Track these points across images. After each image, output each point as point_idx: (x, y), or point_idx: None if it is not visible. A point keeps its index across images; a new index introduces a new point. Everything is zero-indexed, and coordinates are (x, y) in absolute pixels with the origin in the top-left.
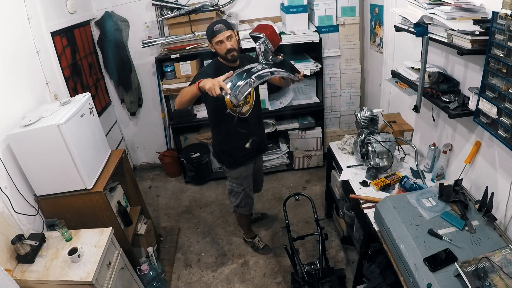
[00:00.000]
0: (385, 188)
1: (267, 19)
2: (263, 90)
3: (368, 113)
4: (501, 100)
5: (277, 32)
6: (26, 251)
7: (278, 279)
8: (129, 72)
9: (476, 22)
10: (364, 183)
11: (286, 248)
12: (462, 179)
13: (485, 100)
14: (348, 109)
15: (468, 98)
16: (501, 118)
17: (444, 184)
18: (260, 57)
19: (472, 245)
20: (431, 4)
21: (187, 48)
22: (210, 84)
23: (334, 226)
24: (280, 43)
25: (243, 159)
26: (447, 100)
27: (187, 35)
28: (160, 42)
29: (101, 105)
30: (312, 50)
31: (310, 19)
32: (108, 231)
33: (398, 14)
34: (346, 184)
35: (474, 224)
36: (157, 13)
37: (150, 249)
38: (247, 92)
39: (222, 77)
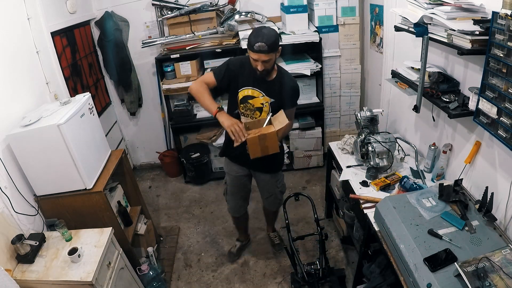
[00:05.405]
0: (385, 188)
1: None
2: None
3: (368, 113)
4: (501, 100)
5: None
6: (26, 251)
7: (278, 279)
8: (129, 72)
9: (476, 22)
10: (364, 183)
11: (286, 248)
12: (462, 179)
13: (485, 100)
14: (348, 109)
15: (468, 98)
16: (501, 118)
17: (444, 184)
18: None
19: (472, 245)
20: (431, 4)
21: (187, 48)
22: (232, 129)
23: (334, 226)
24: (280, 43)
25: (231, 154)
26: (447, 100)
27: (187, 35)
28: (160, 42)
29: (101, 105)
30: (312, 50)
31: (310, 19)
32: (108, 231)
33: (398, 14)
34: (346, 184)
35: (474, 224)
36: (157, 13)
37: (150, 249)
38: None
39: (241, 125)
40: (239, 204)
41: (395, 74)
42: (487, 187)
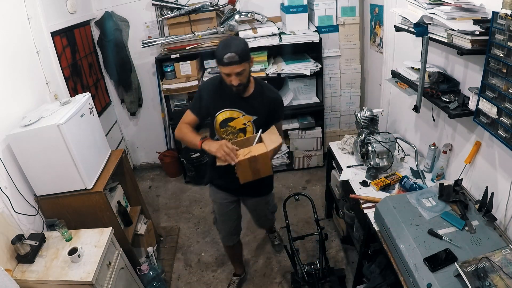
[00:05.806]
0: (385, 188)
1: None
2: None
3: (368, 113)
4: (501, 100)
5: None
6: (26, 251)
7: (278, 279)
8: (129, 72)
9: (476, 22)
10: (364, 183)
11: (286, 248)
12: (462, 179)
13: (485, 100)
14: (348, 109)
15: (468, 98)
16: (501, 118)
17: (444, 184)
18: None
19: (472, 245)
20: (431, 4)
21: (187, 48)
22: (222, 152)
23: (334, 226)
24: (280, 43)
25: (215, 181)
26: (447, 100)
27: (187, 35)
28: (160, 42)
29: (101, 105)
30: (312, 50)
31: (310, 19)
32: (108, 231)
33: (398, 14)
34: (346, 184)
35: (474, 224)
36: (157, 13)
37: (150, 249)
38: None
39: (230, 145)
40: (232, 232)
41: (395, 74)
42: (487, 187)
